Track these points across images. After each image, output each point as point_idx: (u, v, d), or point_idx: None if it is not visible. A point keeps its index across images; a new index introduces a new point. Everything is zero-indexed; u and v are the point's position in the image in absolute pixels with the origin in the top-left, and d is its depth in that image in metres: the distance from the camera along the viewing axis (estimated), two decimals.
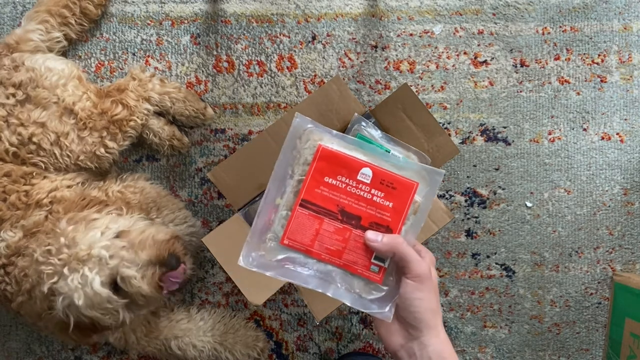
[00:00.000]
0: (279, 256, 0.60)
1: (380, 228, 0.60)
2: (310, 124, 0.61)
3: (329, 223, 0.60)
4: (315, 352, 1.09)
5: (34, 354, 1.07)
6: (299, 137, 0.61)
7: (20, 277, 0.80)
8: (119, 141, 0.93)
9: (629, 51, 1.08)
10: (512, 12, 1.08)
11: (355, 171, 0.60)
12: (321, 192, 0.60)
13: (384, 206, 0.60)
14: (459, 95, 1.08)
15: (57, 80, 0.90)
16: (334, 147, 0.60)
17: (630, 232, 1.09)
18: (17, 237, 0.82)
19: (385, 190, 0.60)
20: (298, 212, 0.60)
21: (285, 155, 0.61)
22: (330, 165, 0.60)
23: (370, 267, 0.60)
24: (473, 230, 1.08)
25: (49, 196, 0.86)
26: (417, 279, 0.57)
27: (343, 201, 0.60)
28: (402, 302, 0.58)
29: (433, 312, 0.57)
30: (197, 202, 1.07)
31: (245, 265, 0.59)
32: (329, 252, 0.60)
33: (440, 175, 0.60)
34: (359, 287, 0.60)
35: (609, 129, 1.08)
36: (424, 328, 0.57)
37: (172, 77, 1.07)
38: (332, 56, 1.07)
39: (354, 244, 0.60)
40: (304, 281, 0.60)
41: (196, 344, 0.98)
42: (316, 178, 0.60)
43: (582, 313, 1.09)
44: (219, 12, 1.07)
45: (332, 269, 0.60)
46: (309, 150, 0.60)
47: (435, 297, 0.58)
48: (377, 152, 0.61)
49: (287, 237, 0.60)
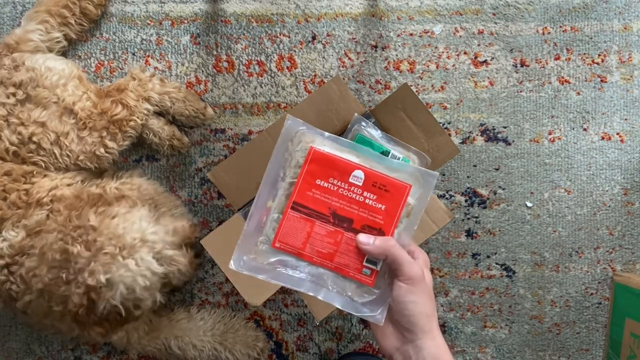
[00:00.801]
0: (270, 259, 0.60)
1: (373, 231, 0.59)
2: (302, 126, 0.60)
3: (320, 226, 0.60)
4: (315, 352, 1.09)
5: (33, 354, 1.07)
6: (291, 140, 0.60)
7: (29, 277, 0.80)
8: (118, 141, 0.93)
9: (629, 51, 1.08)
10: (512, 12, 1.08)
11: (347, 173, 0.59)
12: (313, 195, 0.60)
13: (376, 209, 0.59)
14: (459, 95, 1.08)
15: (57, 80, 0.90)
16: (325, 149, 0.60)
17: (630, 232, 1.09)
18: (20, 237, 0.82)
19: (377, 192, 0.59)
20: (289, 215, 0.60)
21: (277, 157, 0.60)
22: (322, 167, 0.59)
23: (362, 270, 0.59)
24: (473, 230, 1.08)
25: (49, 195, 0.86)
26: (410, 281, 0.56)
27: (335, 204, 0.60)
28: (395, 306, 0.57)
29: (427, 315, 0.56)
30: (197, 202, 1.07)
31: (237, 269, 0.59)
32: (320, 255, 0.60)
33: (434, 177, 0.60)
34: (351, 290, 0.60)
35: (609, 128, 1.08)
36: (419, 331, 0.56)
37: (172, 77, 1.07)
38: (332, 56, 1.07)
39: (345, 247, 0.59)
40: (295, 284, 0.60)
41: (196, 344, 0.98)
42: (308, 181, 0.60)
43: (582, 313, 1.09)
44: (219, 12, 1.07)
45: (324, 271, 0.60)
46: (301, 153, 0.60)
47: (429, 299, 0.57)
48: (370, 154, 0.60)
49: (278, 240, 0.60)
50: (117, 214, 0.81)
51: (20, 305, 0.83)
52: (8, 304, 0.86)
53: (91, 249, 0.77)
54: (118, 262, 0.77)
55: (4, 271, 0.83)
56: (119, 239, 0.78)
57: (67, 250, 0.77)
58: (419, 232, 0.87)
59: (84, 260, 0.76)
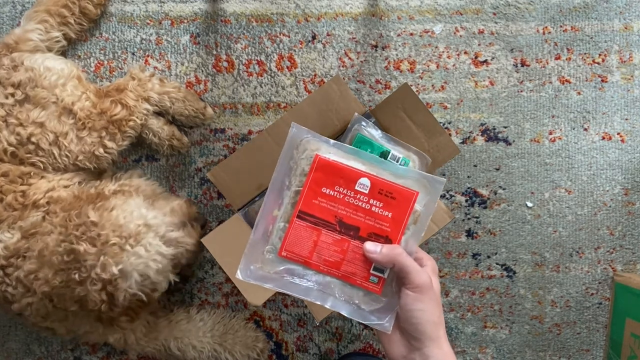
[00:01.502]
0: (277, 268, 0.60)
1: (379, 239, 0.59)
2: (307, 134, 0.60)
3: (327, 234, 0.59)
4: (315, 352, 1.08)
5: (33, 354, 1.07)
6: (296, 148, 0.60)
7: (30, 280, 0.80)
8: (118, 141, 0.93)
9: (629, 51, 1.08)
10: (513, 11, 1.08)
11: (353, 181, 0.59)
12: (319, 203, 0.59)
13: (383, 216, 0.59)
14: (460, 95, 1.07)
15: (56, 80, 0.89)
16: (331, 157, 0.59)
17: (631, 232, 1.08)
18: (15, 239, 0.82)
19: (384, 200, 0.59)
20: (296, 223, 0.59)
21: (282, 166, 0.60)
22: (328, 175, 0.59)
23: (369, 278, 0.59)
24: (473, 231, 1.08)
25: (45, 196, 0.86)
26: (418, 289, 0.56)
27: (341, 212, 0.59)
28: (402, 314, 0.57)
29: (435, 324, 0.56)
30: (197, 202, 1.06)
31: (244, 278, 0.59)
32: (327, 264, 0.59)
33: (441, 183, 0.59)
34: (358, 298, 0.60)
35: (610, 128, 1.08)
36: (426, 339, 0.56)
37: (171, 76, 1.07)
38: (332, 56, 1.07)
39: (352, 255, 0.59)
40: (303, 293, 0.59)
41: (196, 345, 0.98)
42: (313, 189, 0.59)
43: (582, 313, 1.09)
44: (219, 12, 1.07)
45: (331, 280, 0.60)
46: (306, 161, 0.59)
47: (437, 307, 0.56)
48: (376, 160, 0.60)
49: (284, 249, 0.60)
50: (114, 206, 0.82)
51: (16, 308, 0.83)
52: (2, 306, 0.86)
53: (97, 244, 0.77)
54: (127, 251, 0.77)
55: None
56: (123, 228, 0.78)
57: (74, 250, 0.77)
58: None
59: (93, 256, 0.77)
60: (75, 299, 0.80)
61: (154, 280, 0.81)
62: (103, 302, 0.78)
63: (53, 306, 0.83)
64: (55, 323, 0.88)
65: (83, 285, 0.78)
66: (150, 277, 0.80)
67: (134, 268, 0.78)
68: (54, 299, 0.82)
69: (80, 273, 0.77)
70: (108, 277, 0.76)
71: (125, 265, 0.77)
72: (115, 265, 0.76)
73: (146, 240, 0.79)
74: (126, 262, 0.77)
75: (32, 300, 0.82)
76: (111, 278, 0.77)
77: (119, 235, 0.78)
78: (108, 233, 0.78)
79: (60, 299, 0.81)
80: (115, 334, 0.93)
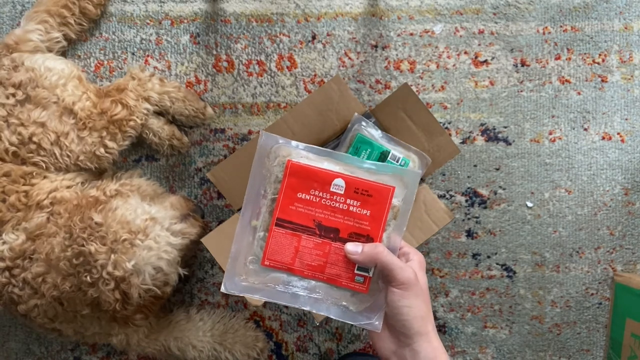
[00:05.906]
0: (261, 278, 0.60)
1: (360, 238, 0.59)
2: (278, 141, 0.60)
3: (307, 239, 0.59)
4: (315, 352, 1.08)
5: (33, 355, 1.07)
6: (267, 156, 0.60)
7: (38, 282, 0.80)
8: (118, 141, 0.93)
9: (629, 51, 1.08)
10: (513, 11, 1.08)
11: (328, 183, 0.59)
12: (296, 209, 0.59)
13: (362, 215, 0.59)
14: (460, 95, 1.07)
15: (57, 80, 0.89)
16: (302, 161, 0.59)
17: (631, 232, 1.08)
18: (20, 240, 0.82)
19: (360, 198, 0.59)
20: (275, 231, 0.59)
21: (255, 175, 0.60)
22: (302, 180, 0.59)
23: (354, 278, 0.59)
24: (473, 231, 1.08)
25: (49, 197, 0.86)
26: (403, 286, 0.55)
27: (319, 215, 0.59)
28: (390, 311, 0.57)
29: (423, 319, 0.56)
30: (197, 202, 1.06)
31: (229, 291, 0.59)
32: (310, 268, 0.59)
33: (417, 175, 0.59)
34: (346, 300, 0.60)
35: (610, 128, 1.08)
36: (415, 335, 0.56)
37: (171, 76, 1.07)
38: (332, 56, 1.07)
39: (335, 257, 0.59)
40: (290, 300, 0.59)
41: (195, 344, 0.98)
42: (289, 195, 0.59)
43: (582, 313, 1.09)
44: (219, 12, 1.07)
45: (317, 284, 0.60)
46: (279, 168, 0.59)
47: (424, 302, 0.56)
48: (349, 159, 0.60)
49: (267, 258, 0.59)
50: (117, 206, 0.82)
51: (23, 309, 0.83)
52: (8, 307, 0.86)
53: (107, 243, 0.77)
54: (138, 246, 0.78)
55: (5, 274, 0.82)
56: (130, 224, 0.79)
57: (83, 252, 0.77)
58: (419, 232, 0.87)
59: (104, 255, 0.76)
60: (87, 301, 0.80)
61: (166, 271, 0.81)
62: (117, 301, 0.78)
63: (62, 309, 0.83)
64: (63, 324, 0.88)
65: (95, 287, 0.78)
66: (163, 269, 0.80)
67: (147, 262, 0.78)
68: (64, 303, 0.82)
69: (91, 275, 0.77)
70: (121, 274, 0.76)
71: (138, 260, 0.77)
72: (128, 261, 0.76)
73: (154, 233, 0.79)
74: (139, 257, 0.77)
75: (40, 302, 0.82)
76: (124, 275, 0.77)
77: (128, 231, 0.78)
78: (117, 230, 0.78)
79: (71, 303, 0.82)
80: (118, 335, 0.93)
